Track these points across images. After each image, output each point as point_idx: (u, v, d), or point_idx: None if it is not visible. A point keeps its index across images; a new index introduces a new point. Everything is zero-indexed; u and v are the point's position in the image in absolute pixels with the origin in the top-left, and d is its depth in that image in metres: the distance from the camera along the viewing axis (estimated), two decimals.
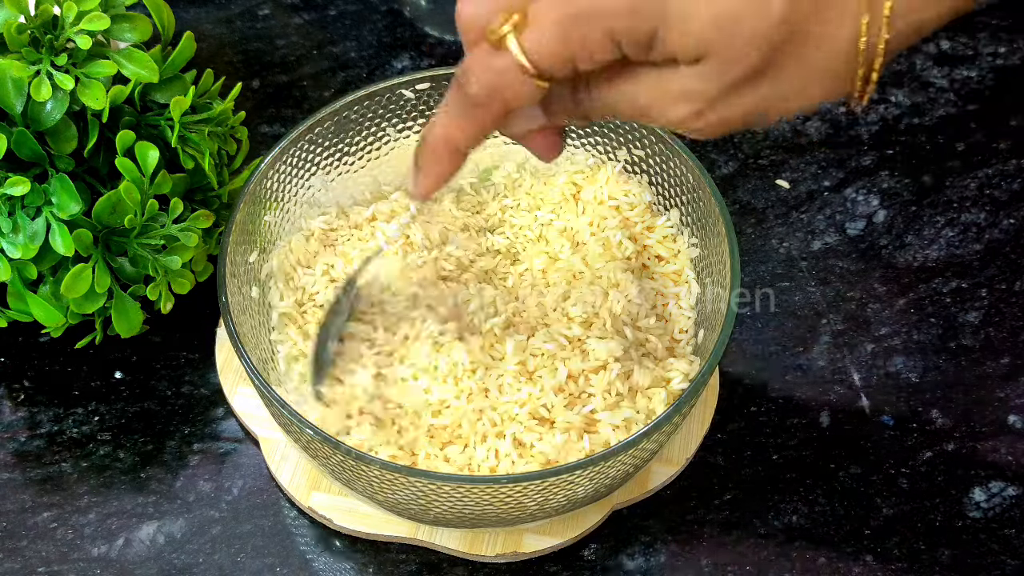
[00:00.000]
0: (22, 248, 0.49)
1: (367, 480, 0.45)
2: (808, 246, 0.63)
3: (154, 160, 0.50)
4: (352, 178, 0.57)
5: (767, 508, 0.53)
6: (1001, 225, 0.64)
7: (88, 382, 0.57)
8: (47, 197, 0.50)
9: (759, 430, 0.55)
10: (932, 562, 0.51)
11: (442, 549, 0.51)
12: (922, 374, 0.57)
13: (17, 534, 0.52)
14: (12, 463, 0.54)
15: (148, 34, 0.52)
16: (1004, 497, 0.53)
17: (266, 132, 0.68)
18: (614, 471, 0.45)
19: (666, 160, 0.54)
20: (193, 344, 0.58)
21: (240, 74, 0.71)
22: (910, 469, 0.54)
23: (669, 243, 0.55)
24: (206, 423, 0.56)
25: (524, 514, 0.47)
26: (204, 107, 0.54)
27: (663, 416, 0.44)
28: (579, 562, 0.51)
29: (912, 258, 0.62)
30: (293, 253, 0.54)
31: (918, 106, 0.69)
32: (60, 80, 0.48)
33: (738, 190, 0.66)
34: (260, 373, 0.45)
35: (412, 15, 0.76)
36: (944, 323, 0.59)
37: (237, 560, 0.51)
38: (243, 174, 0.57)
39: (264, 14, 0.75)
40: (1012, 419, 0.56)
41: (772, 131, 0.68)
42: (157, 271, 0.51)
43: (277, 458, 0.53)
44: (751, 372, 0.58)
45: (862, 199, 0.65)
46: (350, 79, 0.71)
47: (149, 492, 0.53)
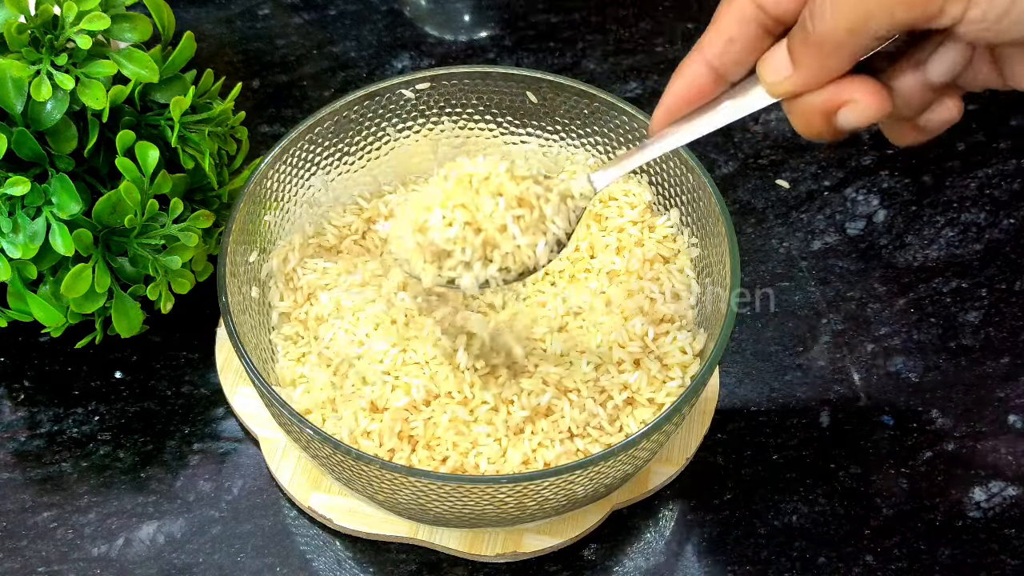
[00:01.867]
0: (22, 248, 0.49)
1: (367, 480, 0.45)
2: (808, 246, 0.63)
3: (154, 160, 0.50)
4: (352, 178, 0.57)
5: (767, 508, 0.53)
6: (1001, 225, 0.64)
7: (88, 382, 0.57)
8: (47, 197, 0.50)
9: (759, 430, 0.55)
10: (932, 562, 0.51)
11: (442, 549, 0.51)
12: (922, 374, 0.57)
13: (17, 534, 0.52)
14: (12, 463, 0.54)
15: (148, 34, 0.52)
16: (1004, 497, 0.53)
17: (266, 132, 0.68)
18: (614, 471, 0.45)
19: (666, 160, 0.54)
20: (193, 344, 0.58)
21: (240, 74, 0.71)
22: (910, 469, 0.54)
23: (669, 243, 0.55)
24: (206, 423, 0.56)
25: (524, 514, 0.47)
26: (204, 107, 0.54)
27: (663, 416, 0.44)
28: (579, 562, 0.51)
29: (912, 258, 0.62)
30: (293, 253, 0.54)
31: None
32: (60, 80, 0.48)
33: (738, 190, 0.66)
34: (260, 373, 0.45)
35: (412, 15, 0.76)
36: (944, 323, 0.59)
37: (237, 560, 0.51)
38: (243, 174, 0.57)
39: (264, 14, 0.75)
40: (1012, 419, 0.56)
41: (772, 131, 0.68)
42: (157, 271, 0.51)
43: (277, 458, 0.53)
44: (751, 372, 0.58)
45: (862, 199, 0.65)
46: (350, 79, 0.71)
47: (149, 492, 0.53)
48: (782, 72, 0.36)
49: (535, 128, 0.57)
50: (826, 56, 0.35)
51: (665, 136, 0.41)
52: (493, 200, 0.43)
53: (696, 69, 0.39)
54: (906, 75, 0.36)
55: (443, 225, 0.43)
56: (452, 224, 0.43)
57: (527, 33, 0.74)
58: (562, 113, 0.56)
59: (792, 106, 0.37)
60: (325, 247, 0.56)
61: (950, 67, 0.36)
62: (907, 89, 0.36)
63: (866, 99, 0.35)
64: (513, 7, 0.76)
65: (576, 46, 0.74)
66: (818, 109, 0.36)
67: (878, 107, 0.36)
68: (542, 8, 0.76)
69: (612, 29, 0.75)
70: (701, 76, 0.39)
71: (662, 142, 0.41)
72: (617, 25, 0.75)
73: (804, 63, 0.35)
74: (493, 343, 0.50)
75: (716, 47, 0.38)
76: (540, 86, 0.55)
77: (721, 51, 0.38)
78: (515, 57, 0.73)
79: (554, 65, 0.72)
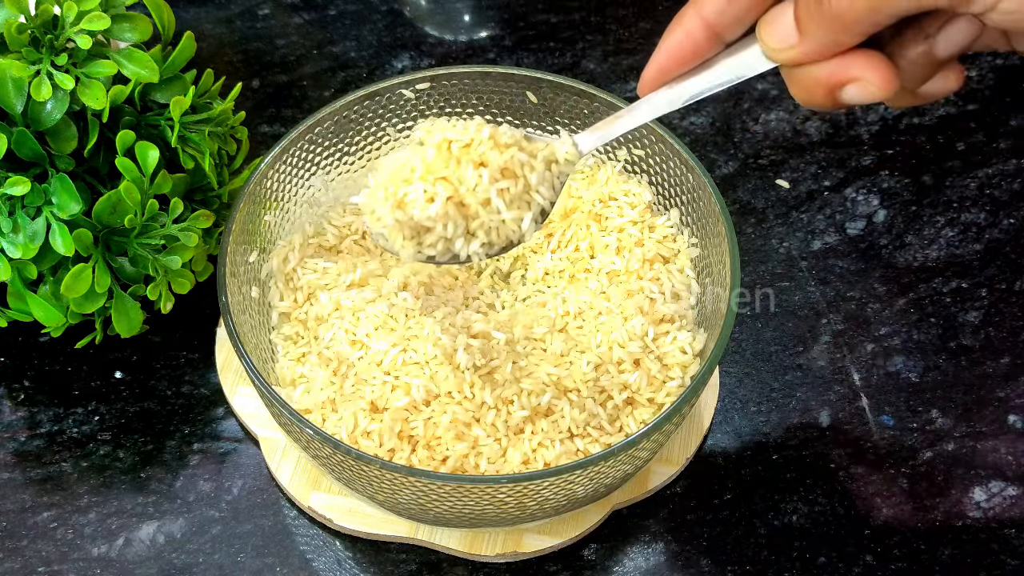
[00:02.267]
0: (22, 248, 0.49)
1: (367, 480, 0.45)
2: (808, 246, 0.63)
3: (154, 160, 0.50)
4: (352, 178, 0.57)
5: (767, 508, 0.53)
6: (1001, 225, 0.64)
7: (88, 382, 0.57)
8: (47, 197, 0.50)
9: (759, 430, 0.55)
10: (932, 562, 0.51)
11: (442, 549, 0.51)
12: (922, 374, 0.57)
13: (17, 534, 0.52)
14: (12, 463, 0.54)
15: (148, 34, 0.52)
16: (1004, 497, 0.53)
17: (266, 132, 0.68)
18: (614, 471, 0.45)
19: (666, 160, 0.54)
20: (193, 344, 0.58)
21: (240, 74, 0.71)
22: (910, 469, 0.54)
23: (669, 243, 0.55)
24: (206, 423, 0.56)
25: (524, 514, 0.47)
26: (204, 107, 0.54)
27: (663, 416, 0.44)
28: (579, 562, 0.51)
29: (912, 258, 0.62)
30: (293, 253, 0.54)
31: (918, 106, 0.69)
32: (60, 80, 0.48)
33: (738, 190, 0.66)
34: (260, 373, 0.45)
35: (412, 15, 0.76)
36: (944, 323, 0.59)
37: (237, 560, 0.51)
38: (243, 174, 0.57)
39: (264, 14, 0.75)
40: (1012, 419, 0.56)
41: (772, 131, 0.68)
42: (157, 271, 0.51)
43: (277, 458, 0.53)
44: (751, 372, 0.58)
45: (862, 199, 0.65)
46: (350, 79, 0.71)
47: (149, 492, 0.53)
48: (787, 40, 0.34)
49: (535, 128, 0.57)
50: (838, 30, 0.33)
51: (655, 99, 0.39)
52: (476, 172, 0.41)
53: (691, 25, 0.37)
54: (912, 48, 0.35)
55: (424, 201, 0.41)
56: (434, 200, 0.41)
57: (527, 33, 0.74)
58: (562, 113, 0.56)
59: (792, 74, 0.35)
60: (325, 247, 0.56)
61: (959, 43, 0.34)
62: (911, 63, 0.35)
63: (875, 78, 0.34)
64: (513, 7, 0.76)
65: (576, 46, 0.74)
66: (821, 82, 0.34)
67: (886, 88, 0.34)
68: (542, 8, 0.76)
69: (612, 29, 0.75)
70: (696, 33, 0.37)
71: (651, 105, 0.39)
72: (617, 25, 0.75)
73: (813, 34, 0.34)
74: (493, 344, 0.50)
75: (715, 4, 0.36)
76: (540, 86, 0.55)
77: (721, 8, 0.36)
78: (515, 57, 0.73)
79: (554, 65, 0.72)
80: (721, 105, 0.70)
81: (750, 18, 0.36)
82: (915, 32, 0.34)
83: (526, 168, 0.42)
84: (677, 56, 0.38)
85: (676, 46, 0.37)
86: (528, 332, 0.51)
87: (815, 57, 0.34)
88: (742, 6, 0.36)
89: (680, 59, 0.38)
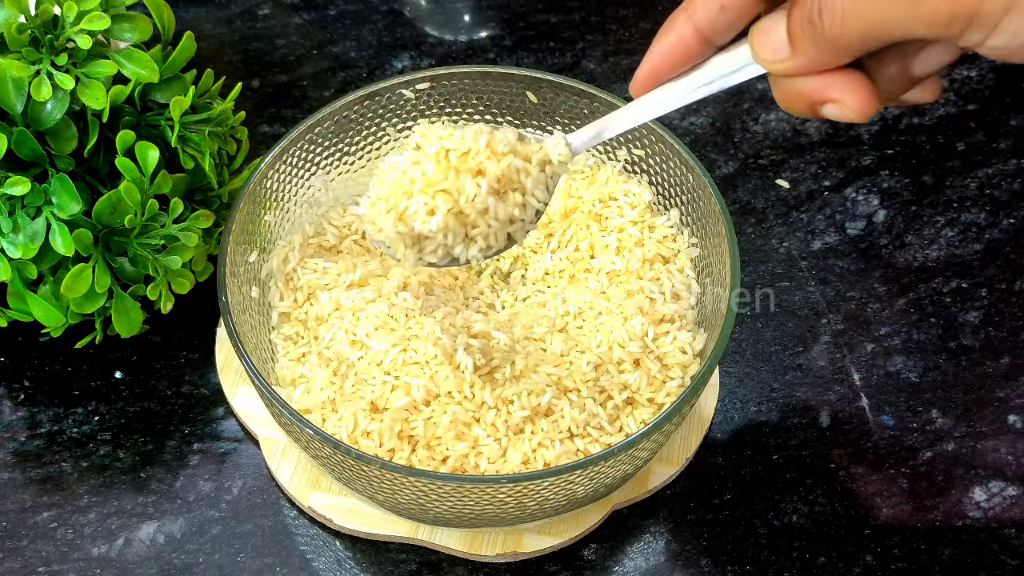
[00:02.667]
0: (22, 248, 0.49)
1: (367, 480, 0.45)
2: (808, 246, 0.63)
3: (154, 160, 0.50)
4: (352, 178, 0.57)
5: (767, 508, 0.53)
6: (1001, 225, 0.64)
7: (88, 382, 0.57)
8: (47, 197, 0.50)
9: (759, 430, 0.55)
10: (932, 562, 0.51)
11: (442, 549, 0.51)
12: (922, 374, 0.57)
13: (17, 534, 0.52)
14: (12, 463, 0.54)
15: (148, 34, 0.52)
16: (1004, 497, 0.53)
17: (266, 132, 0.68)
18: (614, 471, 0.46)
19: (666, 160, 0.54)
20: (193, 344, 0.58)
21: (240, 74, 0.71)
22: (910, 469, 0.54)
23: (669, 243, 0.55)
24: (206, 423, 0.56)
25: (524, 514, 0.47)
26: (204, 107, 0.54)
27: (663, 416, 0.44)
28: (579, 562, 0.51)
29: (912, 258, 0.62)
30: (293, 253, 0.54)
31: (918, 106, 0.69)
32: (60, 80, 0.48)
33: (738, 190, 0.66)
34: (260, 373, 0.45)
35: (412, 15, 0.76)
36: (944, 323, 0.59)
37: (237, 560, 0.51)
38: (243, 174, 0.57)
39: (264, 14, 0.75)
40: (1012, 419, 0.56)
41: (772, 131, 0.68)
42: (157, 271, 0.51)
43: (277, 458, 0.53)
44: (751, 372, 0.58)
45: (862, 199, 0.65)
46: (350, 79, 0.71)
47: (149, 492, 0.53)
48: (779, 54, 0.35)
49: (535, 128, 0.57)
50: (830, 52, 0.34)
51: (647, 101, 0.40)
52: (474, 182, 0.42)
53: (683, 30, 0.38)
54: (890, 66, 0.36)
55: (425, 214, 0.42)
56: (435, 212, 0.42)
57: (527, 33, 0.74)
58: (562, 113, 0.56)
59: (779, 83, 0.36)
60: (325, 247, 0.56)
61: (937, 64, 0.35)
62: (888, 79, 0.36)
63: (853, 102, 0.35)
64: (513, 7, 0.76)
65: (576, 46, 0.74)
66: (804, 95, 0.36)
67: (864, 112, 0.35)
68: (542, 8, 0.76)
69: (612, 29, 0.75)
70: (688, 37, 0.38)
71: (643, 107, 0.40)
72: (617, 25, 0.75)
73: (805, 51, 0.35)
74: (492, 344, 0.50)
75: (707, 11, 0.37)
76: (540, 86, 0.55)
77: (712, 16, 0.37)
78: (515, 57, 0.73)
79: (554, 65, 0.72)
80: (721, 105, 0.70)
81: (741, 25, 0.37)
82: (895, 52, 0.35)
83: (522, 174, 0.43)
84: (669, 60, 0.39)
85: (668, 49, 0.38)
86: (528, 332, 0.52)
87: (804, 71, 0.35)
88: (734, 14, 0.37)
89: (672, 63, 0.39)
